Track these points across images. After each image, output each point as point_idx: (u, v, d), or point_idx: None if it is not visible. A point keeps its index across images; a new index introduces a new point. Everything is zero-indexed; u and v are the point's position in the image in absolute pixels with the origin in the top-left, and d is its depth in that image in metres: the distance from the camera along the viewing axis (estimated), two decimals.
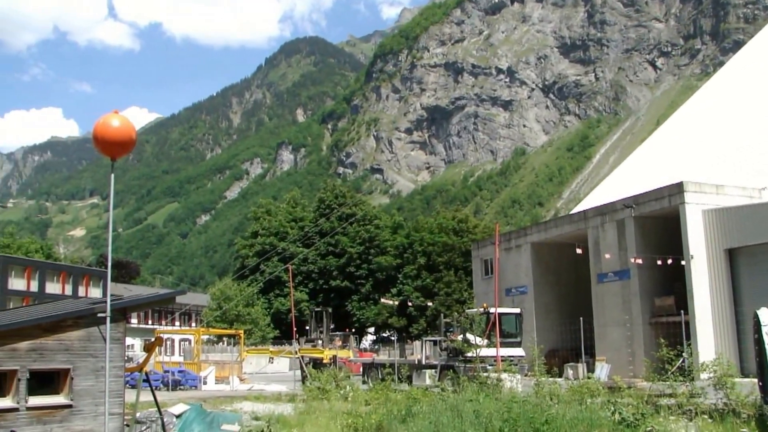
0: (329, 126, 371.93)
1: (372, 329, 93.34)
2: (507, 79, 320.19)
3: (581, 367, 38.49)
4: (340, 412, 22.43)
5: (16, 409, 16.44)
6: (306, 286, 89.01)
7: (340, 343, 59.37)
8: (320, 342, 52.49)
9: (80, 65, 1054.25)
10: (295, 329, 55.58)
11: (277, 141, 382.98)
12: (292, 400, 32.27)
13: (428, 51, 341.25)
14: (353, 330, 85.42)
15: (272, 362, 64.52)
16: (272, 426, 20.03)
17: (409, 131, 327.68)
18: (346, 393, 29.22)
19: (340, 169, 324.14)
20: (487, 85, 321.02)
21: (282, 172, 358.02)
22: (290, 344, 67.35)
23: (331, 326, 59.62)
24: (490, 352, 32.70)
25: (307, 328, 62.56)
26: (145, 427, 21.30)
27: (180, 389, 42.33)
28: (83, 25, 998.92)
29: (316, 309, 58.01)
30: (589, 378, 26.39)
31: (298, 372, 45.45)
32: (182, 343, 77.21)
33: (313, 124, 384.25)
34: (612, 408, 16.20)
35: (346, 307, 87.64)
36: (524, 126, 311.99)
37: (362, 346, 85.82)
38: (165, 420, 21.10)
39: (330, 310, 62.66)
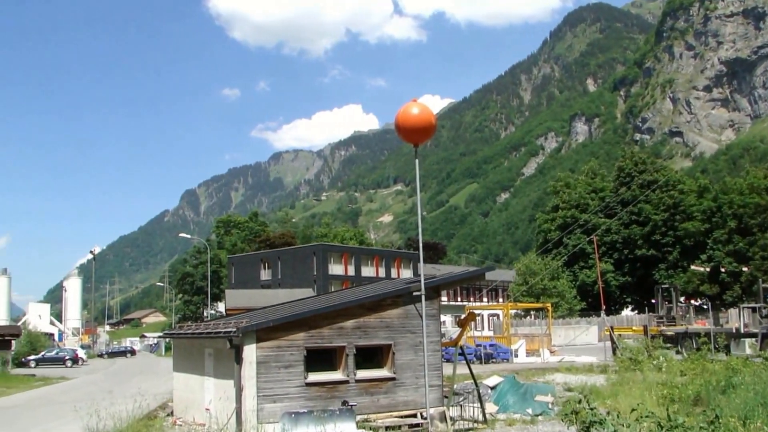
0: (622, 92, 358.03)
1: (682, 298, 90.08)
2: None
3: None
4: (654, 383, 22.01)
5: (346, 382, 18.10)
6: (610, 256, 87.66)
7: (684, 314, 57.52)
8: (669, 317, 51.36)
9: (373, 62, 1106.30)
10: (603, 300, 54.95)
11: (570, 113, 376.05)
12: (604, 371, 32.07)
13: (723, 0, 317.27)
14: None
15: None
16: (587, 397, 20.14)
17: (707, 89, 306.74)
18: (659, 363, 28.50)
19: (637, 136, 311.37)
20: None
21: (577, 143, 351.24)
22: (598, 316, 66.67)
23: (680, 300, 58.11)
24: None
25: (654, 301, 61.60)
26: (462, 398, 22.26)
27: (492, 362, 43.53)
28: (373, 24, 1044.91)
29: (663, 286, 56.95)
30: None
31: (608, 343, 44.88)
32: (491, 318, 79.03)
33: (605, 93, 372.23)
34: None
35: (653, 276, 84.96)
36: None
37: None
38: (481, 391, 21.93)
39: (678, 285, 61.39)
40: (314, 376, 17.73)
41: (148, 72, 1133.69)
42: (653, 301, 64.15)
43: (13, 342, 56.13)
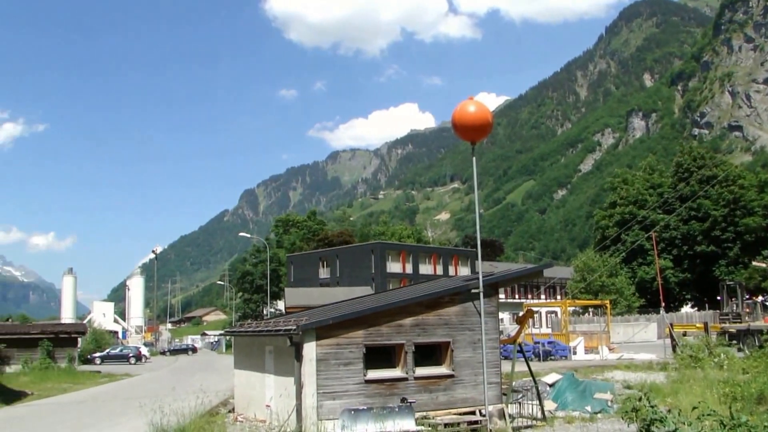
0: (679, 87, 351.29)
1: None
2: None
3: None
4: (715, 381, 21.74)
5: (405, 379, 18.25)
6: (669, 252, 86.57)
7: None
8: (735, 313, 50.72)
9: (429, 61, 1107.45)
10: (663, 297, 54.20)
11: (627, 109, 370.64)
12: (664, 368, 31.72)
13: None
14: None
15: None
16: (648, 395, 20.00)
17: None
18: (720, 361, 28.12)
19: (695, 131, 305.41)
20: None
21: (634, 139, 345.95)
22: (657, 313, 65.79)
23: (746, 297, 57.14)
24: None
25: (718, 298, 60.76)
26: (520, 396, 22.28)
27: (551, 359, 43.36)
28: (428, 23, 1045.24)
29: (729, 282, 56.09)
30: None
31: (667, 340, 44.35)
32: (549, 315, 78.53)
33: (662, 88, 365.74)
34: None
35: (713, 273, 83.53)
36: None
37: None
38: (539, 389, 21.92)
39: (742, 281, 60.50)
40: (373, 374, 17.90)
41: (206, 75, 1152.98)
42: (718, 298, 63.10)
43: (79, 339, 57.53)
